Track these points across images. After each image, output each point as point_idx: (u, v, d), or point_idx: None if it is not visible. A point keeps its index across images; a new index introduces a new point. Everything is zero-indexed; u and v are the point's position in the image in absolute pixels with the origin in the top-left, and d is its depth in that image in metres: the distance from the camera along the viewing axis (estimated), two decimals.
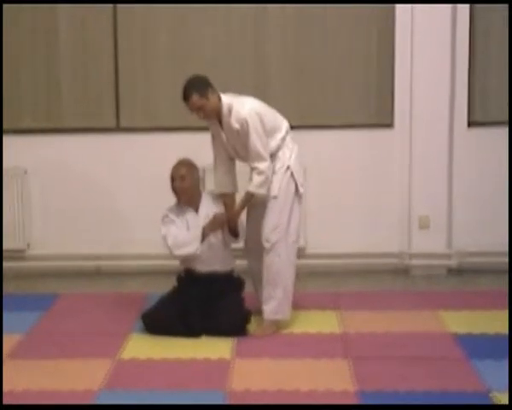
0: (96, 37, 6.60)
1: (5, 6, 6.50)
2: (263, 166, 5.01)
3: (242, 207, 5.23)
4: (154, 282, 5.30)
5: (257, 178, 5.03)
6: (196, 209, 5.29)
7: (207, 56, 6.52)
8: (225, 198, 5.32)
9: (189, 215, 5.27)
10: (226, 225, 5.24)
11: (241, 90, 5.25)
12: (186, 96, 5.03)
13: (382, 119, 6.63)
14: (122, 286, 6.41)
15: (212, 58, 6.52)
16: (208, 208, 5.28)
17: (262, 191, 5.05)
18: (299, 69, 6.60)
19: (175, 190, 5.26)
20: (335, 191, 6.68)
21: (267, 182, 5.04)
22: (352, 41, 6.56)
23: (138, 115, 6.66)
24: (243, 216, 5.36)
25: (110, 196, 6.75)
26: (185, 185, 5.21)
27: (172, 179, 5.24)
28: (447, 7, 6.40)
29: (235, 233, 5.26)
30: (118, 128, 6.67)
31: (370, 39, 6.55)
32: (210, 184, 5.78)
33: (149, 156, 6.64)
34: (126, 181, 6.74)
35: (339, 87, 6.62)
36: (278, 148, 5.14)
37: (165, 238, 5.21)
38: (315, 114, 6.62)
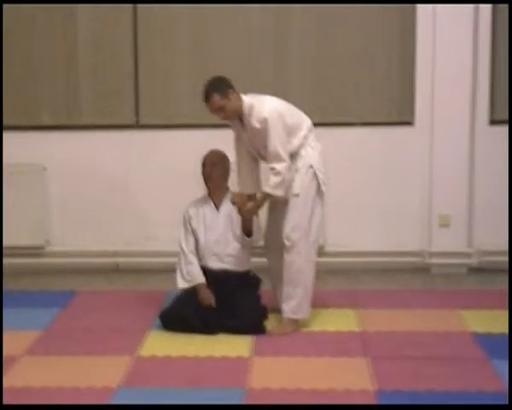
0: (115, 34, 6.62)
1: (24, 5, 6.54)
2: (280, 166, 4.98)
3: (257, 206, 5.20)
4: (172, 279, 5.31)
5: (273, 179, 5.01)
6: (219, 204, 5.33)
7: (227, 54, 6.54)
8: (249, 198, 5.27)
9: (209, 213, 5.31)
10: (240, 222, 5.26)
11: (261, 88, 5.24)
12: (206, 97, 5.02)
13: (403, 117, 6.61)
14: (140, 283, 6.43)
15: (232, 56, 6.53)
16: (230, 208, 5.29)
17: (278, 192, 5.03)
18: (320, 67, 6.59)
19: (204, 175, 5.31)
20: (355, 189, 6.68)
21: (284, 183, 5.01)
22: (372, 39, 6.56)
23: (158, 112, 6.67)
24: (262, 216, 5.36)
25: (129, 193, 6.77)
26: (215, 172, 5.26)
27: (203, 165, 5.30)
28: (469, 6, 6.38)
29: (248, 232, 5.25)
30: (137, 125, 6.69)
31: (391, 37, 6.53)
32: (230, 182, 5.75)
33: (169, 153, 6.67)
34: (145, 178, 6.76)
35: (359, 85, 6.61)
36: (301, 146, 5.11)
37: (180, 247, 5.31)
38: (335, 111, 6.61)
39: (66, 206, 6.81)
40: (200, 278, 5.24)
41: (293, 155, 5.09)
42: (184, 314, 5.10)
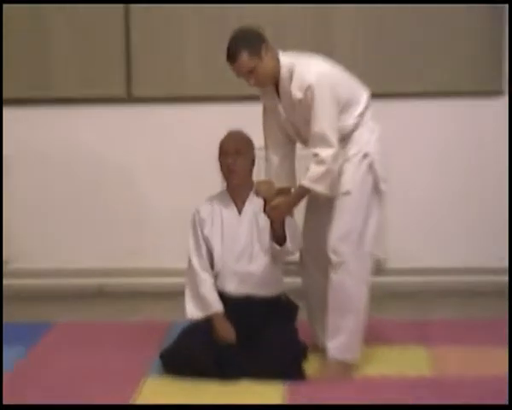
0: None
1: None
2: (325, 153, 4.90)
3: (290, 204, 5.14)
4: (177, 306, 5.30)
5: (315, 169, 4.94)
6: (242, 205, 5.35)
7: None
8: (280, 193, 5.21)
9: (228, 217, 5.34)
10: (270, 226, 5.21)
11: (294, 47, 5.19)
12: (232, 56, 4.98)
13: (489, 84, 6.63)
14: (134, 312, 6.50)
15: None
16: (256, 209, 5.30)
17: (319, 188, 4.97)
18: (375, 19, 6.63)
19: (224, 168, 5.29)
20: (423, 185, 6.76)
21: (328, 176, 4.94)
22: None
23: (156, 81, 6.73)
24: (298, 218, 5.35)
25: (118, 190, 6.90)
26: (239, 163, 5.25)
27: (223, 154, 5.28)
28: None
29: (278, 238, 5.18)
30: (129, 98, 6.75)
31: None
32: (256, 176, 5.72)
33: (171, 136, 6.77)
34: (140, 169, 6.89)
35: (429, 42, 6.64)
36: (354, 127, 5.08)
37: (188, 263, 5.35)
38: (396, 78, 6.67)
39: (33, 208, 6.90)
40: (217, 305, 5.24)
41: (344, 139, 5.05)
42: (194, 353, 5.08)
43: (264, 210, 5.15)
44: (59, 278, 6.87)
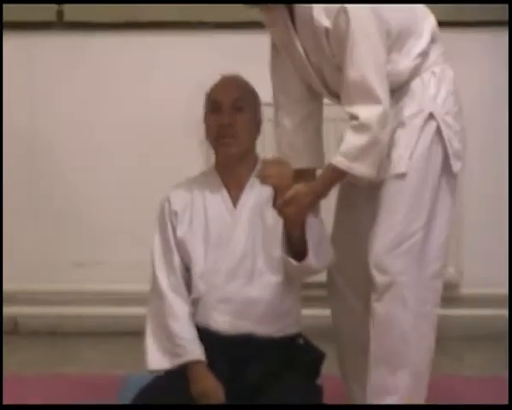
0: None
1: None
2: (369, 113, 4.53)
3: (315, 195, 4.76)
4: (134, 351, 4.97)
5: (352, 140, 4.57)
6: (238, 191, 5.02)
7: None
8: (299, 179, 4.85)
9: (216, 210, 5.04)
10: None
11: None
12: None
13: None
14: (65, 359, 6.63)
15: None
16: (261, 200, 4.96)
17: (360, 169, 4.60)
18: None
19: (214, 131, 4.99)
20: None
21: (373, 150, 4.58)
22: None
23: None
24: (326, 219, 5.04)
25: (44, 165, 7.02)
26: (239, 123, 4.94)
27: (214, 110, 4.99)
28: None
29: (296, 246, 4.79)
30: (60, 23, 6.84)
31: None
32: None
33: (126, 81, 6.88)
34: (75, 135, 6.97)
35: None
36: (413, 73, 4.75)
37: (153, 282, 5.07)
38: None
39: None
40: (195, 350, 4.88)
41: (397, 92, 4.74)
42: None
43: (275, 204, 4.79)
44: None
